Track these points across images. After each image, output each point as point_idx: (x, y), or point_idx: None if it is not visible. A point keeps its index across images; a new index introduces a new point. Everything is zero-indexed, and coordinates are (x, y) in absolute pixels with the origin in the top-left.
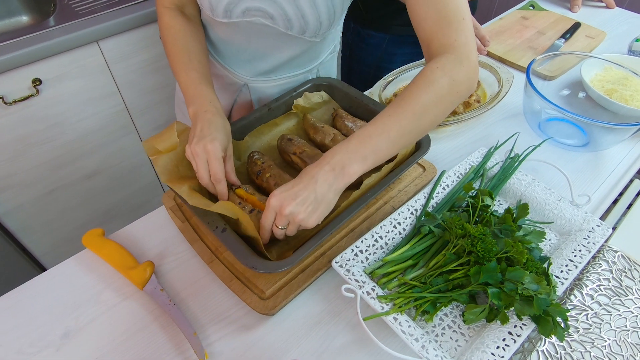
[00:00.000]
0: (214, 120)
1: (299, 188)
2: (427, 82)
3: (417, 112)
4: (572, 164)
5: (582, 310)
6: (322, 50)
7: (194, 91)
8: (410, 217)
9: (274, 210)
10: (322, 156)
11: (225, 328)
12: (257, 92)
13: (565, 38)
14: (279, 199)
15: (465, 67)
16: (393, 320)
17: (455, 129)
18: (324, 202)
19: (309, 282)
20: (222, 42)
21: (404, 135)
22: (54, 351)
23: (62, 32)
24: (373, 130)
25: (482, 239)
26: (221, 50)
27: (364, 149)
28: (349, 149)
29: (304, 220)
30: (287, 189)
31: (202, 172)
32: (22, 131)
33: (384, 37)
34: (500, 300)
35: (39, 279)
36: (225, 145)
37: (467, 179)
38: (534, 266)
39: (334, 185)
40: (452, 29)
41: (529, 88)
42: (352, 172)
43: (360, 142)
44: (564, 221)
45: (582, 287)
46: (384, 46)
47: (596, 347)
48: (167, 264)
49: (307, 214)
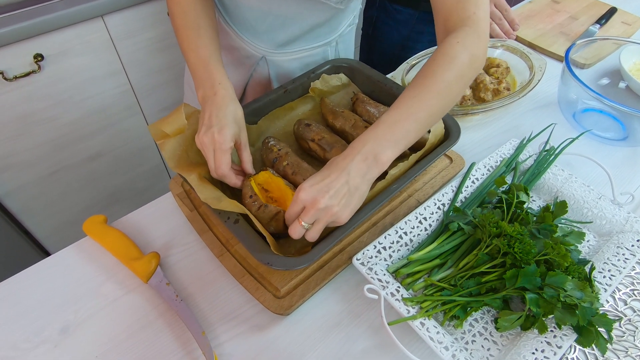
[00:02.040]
0: (223, 106)
1: (330, 180)
2: (448, 59)
3: (441, 91)
4: (609, 159)
5: (614, 316)
6: (343, 19)
7: (203, 73)
8: (437, 212)
9: (302, 204)
10: (350, 146)
11: (235, 328)
12: (275, 67)
13: (600, 24)
14: (309, 192)
15: (483, 42)
16: (420, 326)
17: (483, 118)
18: (357, 194)
19: (327, 280)
20: (242, 9)
21: (431, 115)
22: (51, 347)
23: (66, 4)
24: (399, 115)
25: (519, 240)
26: (239, 19)
27: (393, 135)
28: (378, 135)
29: (337, 214)
30: (317, 182)
31: (211, 164)
32: (23, 109)
33: (413, 13)
34: (539, 308)
35: (36, 267)
36: (236, 133)
37: (498, 173)
38: (577, 271)
39: (368, 175)
40: (472, 2)
41: (567, 75)
42: (386, 160)
43: (388, 128)
44: (604, 221)
45: (614, 292)
46: (412, 23)
47: (630, 356)
48: (174, 255)
49: (340, 207)
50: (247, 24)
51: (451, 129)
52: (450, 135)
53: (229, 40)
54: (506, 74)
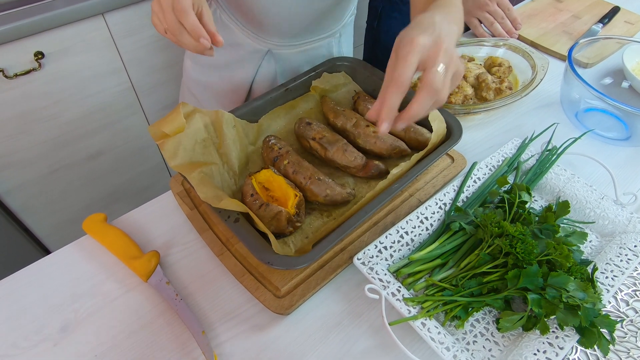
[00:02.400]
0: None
1: (430, 22)
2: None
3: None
4: (612, 159)
5: (616, 317)
6: (346, 8)
7: None
8: (439, 211)
9: (423, 51)
10: (416, 22)
11: (236, 327)
12: (282, 61)
13: (603, 23)
14: (426, 37)
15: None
16: (421, 326)
17: (485, 117)
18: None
19: (327, 280)
20: (248, 2)
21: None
22: (51, 346)
23: (66, 2)
24: (447, 10)
25: (522, 240)
26: (245, 12)
27: (450, 16)
28: (441, 12)
29: (458, 62)
30: (423, 30)
31: (168, 18)
32: (24, 107)
33: None
34: (541, 308)
35: (35, 266)
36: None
37: (500, 172)
38: (579, 271)
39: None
40: None
41: (570, 75)
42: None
43: (445, 10)
44: (607, 222)
45: (616, 293)
46: None
47: (632, 357)
48: (174, 254)
49: (456, 55)
50: (254, 17)
51: (453, 128)
52: (452, 134)
53: (233, 37)
54: (508, 73)
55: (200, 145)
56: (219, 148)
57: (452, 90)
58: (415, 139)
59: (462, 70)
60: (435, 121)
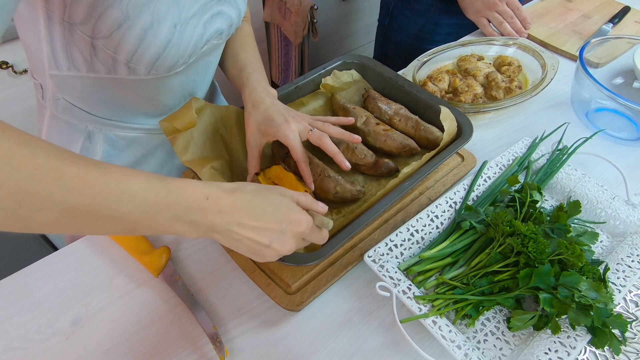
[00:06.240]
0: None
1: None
2: None
3: None
4: (623, 159)
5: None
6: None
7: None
8: (449, 210)
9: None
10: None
11: (246, 323)
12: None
13: (614, 23)
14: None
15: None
16: (432, 324)
17: (495, 116)
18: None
19: (338, 277)
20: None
21: None
22: (62, 339)
23: None
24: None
25: (533, 239)
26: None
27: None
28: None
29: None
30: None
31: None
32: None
33: (432, 3)
34: (552, 308)
35: (47, 260)
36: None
37: (510, 171)
38: (591, 271)
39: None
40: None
41: (581, 74)
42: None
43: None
44: (618, 222)
45: (625, 293)
46: (430, 13)
47: None
48: (185, 250)
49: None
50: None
51: (463, 127)
52: (463, 133)
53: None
54: (518, 72)
55: (211, 140)
56: (229, 143)
57: (462, 90)
58: (425, 137)
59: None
60: (446, 120)
